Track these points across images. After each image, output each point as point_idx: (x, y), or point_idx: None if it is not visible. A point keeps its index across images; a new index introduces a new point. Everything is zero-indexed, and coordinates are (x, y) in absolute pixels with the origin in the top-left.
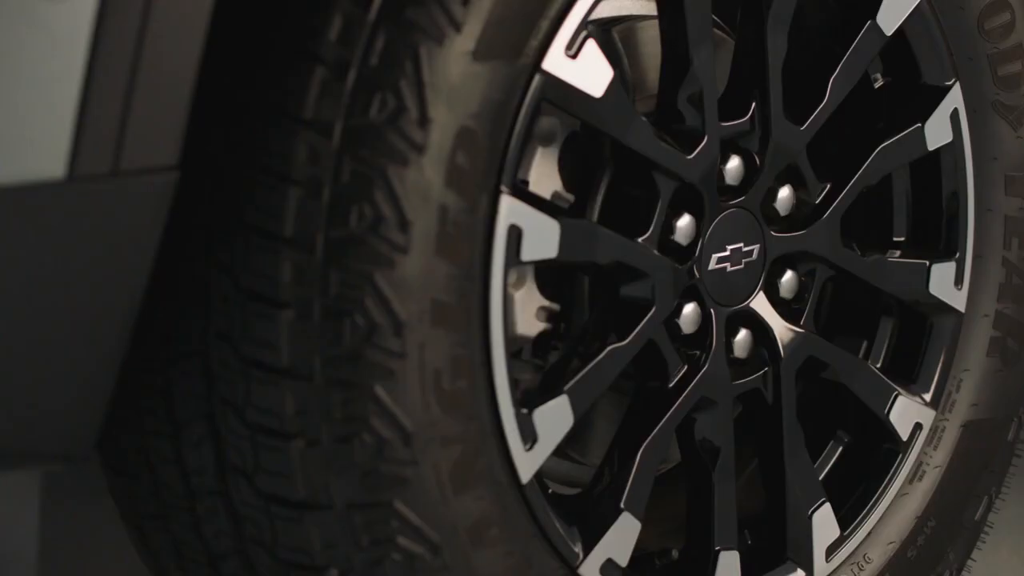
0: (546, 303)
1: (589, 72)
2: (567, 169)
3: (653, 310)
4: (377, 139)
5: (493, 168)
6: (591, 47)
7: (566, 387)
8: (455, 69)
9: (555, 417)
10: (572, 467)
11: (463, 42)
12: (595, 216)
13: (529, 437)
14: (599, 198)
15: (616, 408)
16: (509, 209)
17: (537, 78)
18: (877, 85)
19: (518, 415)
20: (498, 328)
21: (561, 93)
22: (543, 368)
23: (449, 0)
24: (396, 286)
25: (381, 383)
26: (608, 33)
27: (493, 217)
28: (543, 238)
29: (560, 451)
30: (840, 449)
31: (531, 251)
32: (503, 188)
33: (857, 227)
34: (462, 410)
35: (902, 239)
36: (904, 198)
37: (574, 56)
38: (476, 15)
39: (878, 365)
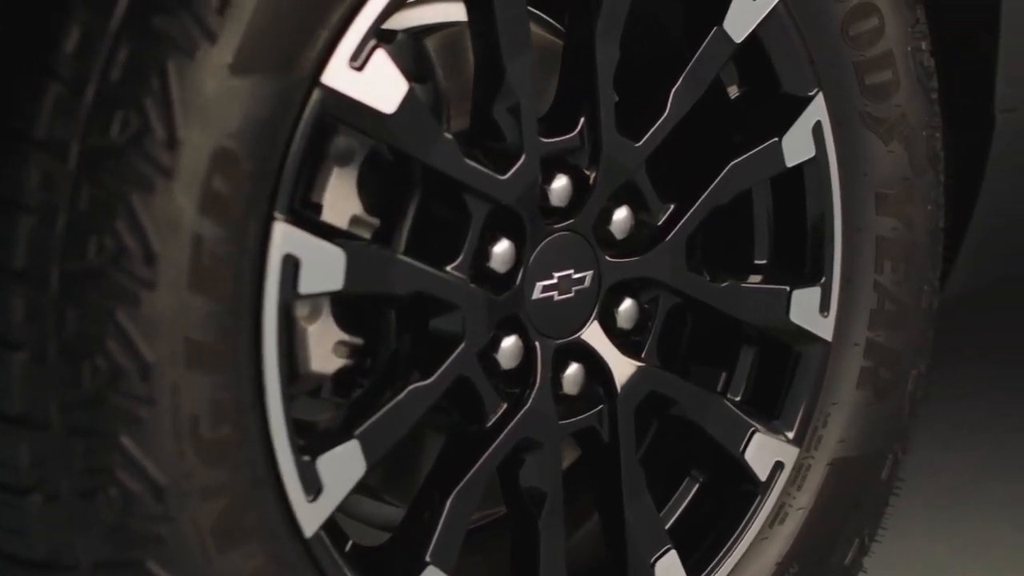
0: (346, 337)
1: (378, 86)
2: (370, 191)
3: (462, 345)
4: (119, 162)
5: (263, 193)
6: (380, 58)
7: (357, 431)
8: (210, 84)
9: (343, 464)
10: (396, 512)
11: (219, 54)
12: (402, 242)
13: (312, 487)
14: (407, 223)
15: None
16: (284, 237)
17: (316, 93)
18: (733, 96)
19: (299, 463)
20: (272, 368)
21: (345, 109)
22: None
23: (202, 8)
24: (142, 324)
25: (127, 431)
26: (419, 43)
27: (265, 246)
28: (326, 268)
29: (376, 494)
30: (695, 490)
31: (311, 283)
32: (277, 214)
33: (716, 250)
34: (227, 459)
35: (764, 262)
36: (765, 218)
37: (360, 68)
38: (234, 25)
39: (737, 399)
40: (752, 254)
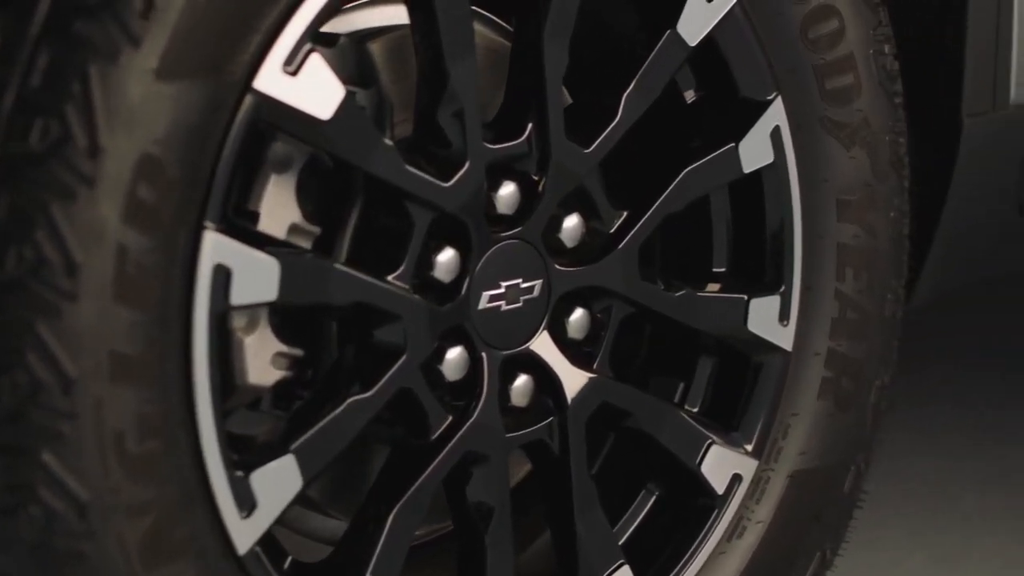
0: (285, 348)
1: (313, 91)
2: (310, 199)
3: (404, 357)
4: (39, 170)
5: (192, 201)
6: (315, 63)
7: (293, 446)
8: (134, 90)
9: (278, 480)
10: (341, 526)
11: (143, 59)
12: (344, 251)
13: (246, 503)
14: (348, 231)
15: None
16: (214, 247)
17: (248, 98)
18: (690, 100)
19: (231, 478)
20: (203, 380)
21: (279, 115)
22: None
23: (125, 12)
24: (64, 337)
25: (49, 447)
26: (362, 47)
27: (195, 256)
28: (258, 278)
29: (320, 508)
30: (651, 503)
31: (243, 293)
32: (207, 223)
33: (675, 258)
34: (154, 474)
35: (723, 270)
36: (724, 225)
37: (294, 73)
38: (159, 29)
39: (695, 410)
40: (710, 262)
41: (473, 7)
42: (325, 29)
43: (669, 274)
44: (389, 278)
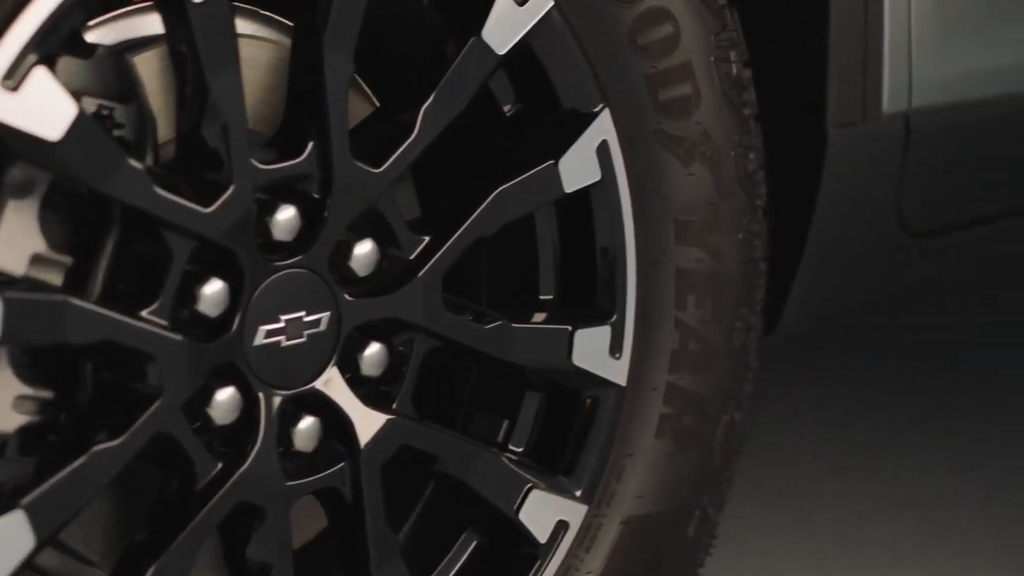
0: (30, 391)
1: (39, 109)
2: (57, 226)
3: (160, 400)
4: None
5: None
6: (40, 77)
7: (24, 501)
8: None
9: (3, 539)
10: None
11: None
12: (97, 283)
13: None
14: (103, 262)
15: None
16: None
17: None
18: (509, 113)
19: None
20: None
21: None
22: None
23: None
24: None
25: None
26: (122, 59)
27: None
28: None
29: (83, 556)
30: (470, 552)
31: None
32: None
33: (499, 284)
34: None
35: (550, 298)
36: (551, 250)
37: (15, 89)
38: None
39: (520, 450)
40: (537, 289)
41: (251, 6)
42: (90, 39)
43: (498, 302)
44: (144, 313)
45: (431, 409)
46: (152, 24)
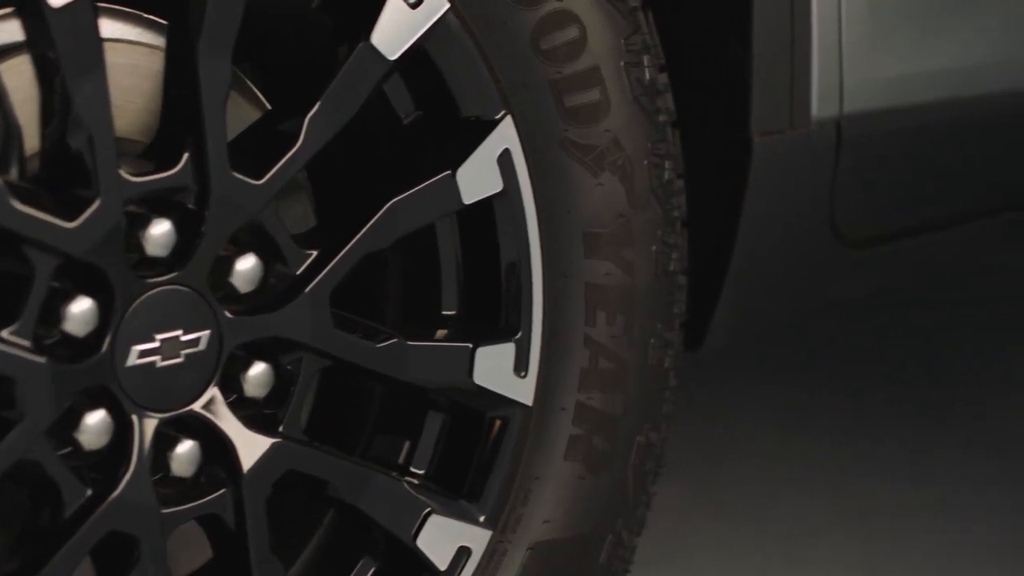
0: None
1: None
2: None
3: (22, 424)
4: None
5: None
6: None
7: None
8: None
9: None
10: None
11: None
12: None
13: None
14: None
15: None
16: None
17: None
18: (407, 121)
19: None
20: None
21: None
22: None
23: None
24: None
25: None
26: None
27: None
28: None
29: None
30: None
31: None
32: None
33: (402, 300)
34: None
35: (453, 314)
36: (454, 264)
37: None
38: None
39: (421, 473)
40: (439, 305)
41: (133, 10)
42: None
43: (401, 319)
44: (4, 333)
45: (332, 431)
46: (16, 31)
